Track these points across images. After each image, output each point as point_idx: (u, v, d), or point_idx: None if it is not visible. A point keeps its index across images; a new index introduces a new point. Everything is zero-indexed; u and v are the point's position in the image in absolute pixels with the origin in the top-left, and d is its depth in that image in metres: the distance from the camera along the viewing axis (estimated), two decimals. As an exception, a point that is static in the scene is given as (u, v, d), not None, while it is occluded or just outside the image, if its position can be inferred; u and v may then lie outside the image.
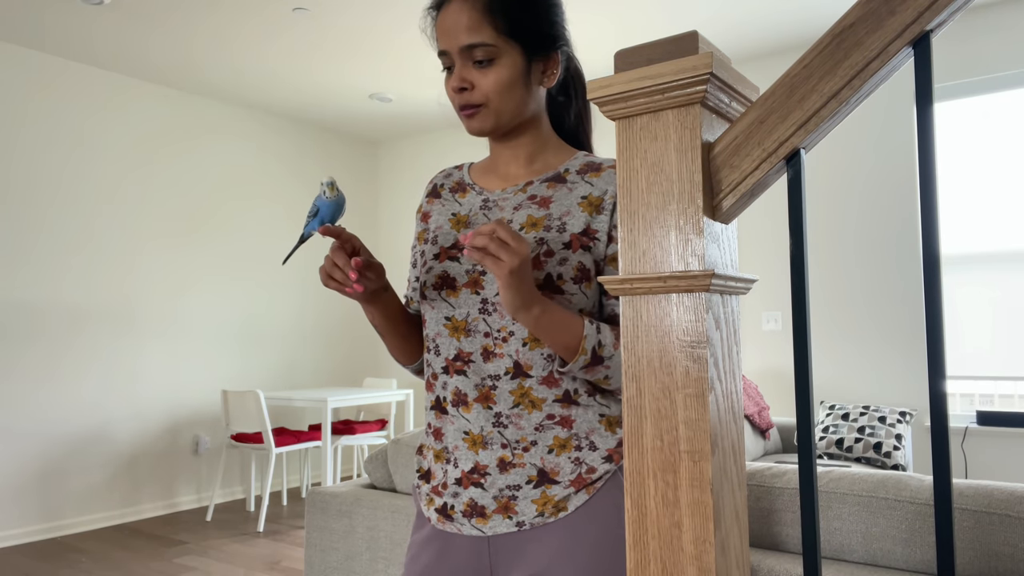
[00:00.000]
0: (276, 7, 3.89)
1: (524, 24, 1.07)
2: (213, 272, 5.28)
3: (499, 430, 1.06)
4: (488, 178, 1.19)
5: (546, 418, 1.05)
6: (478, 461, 1.07)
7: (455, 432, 1.09)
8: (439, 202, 1.21)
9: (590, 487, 1.04)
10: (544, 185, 1.12)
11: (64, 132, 4.52)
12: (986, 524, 1.26)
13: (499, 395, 1.06)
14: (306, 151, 5.98)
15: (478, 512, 1.07)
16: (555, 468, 1.05)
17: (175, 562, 3.79)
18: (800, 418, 0.72)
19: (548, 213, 1.09)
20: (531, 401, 1.05)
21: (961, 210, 4.07)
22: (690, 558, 0.69)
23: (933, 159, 0.68)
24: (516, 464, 1.05)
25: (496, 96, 1.07)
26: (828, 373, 4.34)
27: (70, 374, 4.48)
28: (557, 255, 1.06)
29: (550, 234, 1.07)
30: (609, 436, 1.07)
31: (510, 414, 1.05)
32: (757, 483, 1.51)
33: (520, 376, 1.06)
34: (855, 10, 0.65)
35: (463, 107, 1.09)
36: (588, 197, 1.09)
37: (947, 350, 4.07)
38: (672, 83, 0.70)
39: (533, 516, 1.04)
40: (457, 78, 1.07)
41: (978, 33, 4.01)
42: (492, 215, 1.13)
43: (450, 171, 1.25)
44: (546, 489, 1.04)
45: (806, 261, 0.72)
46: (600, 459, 1.05)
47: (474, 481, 1.07)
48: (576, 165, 1.13)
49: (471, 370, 1.08)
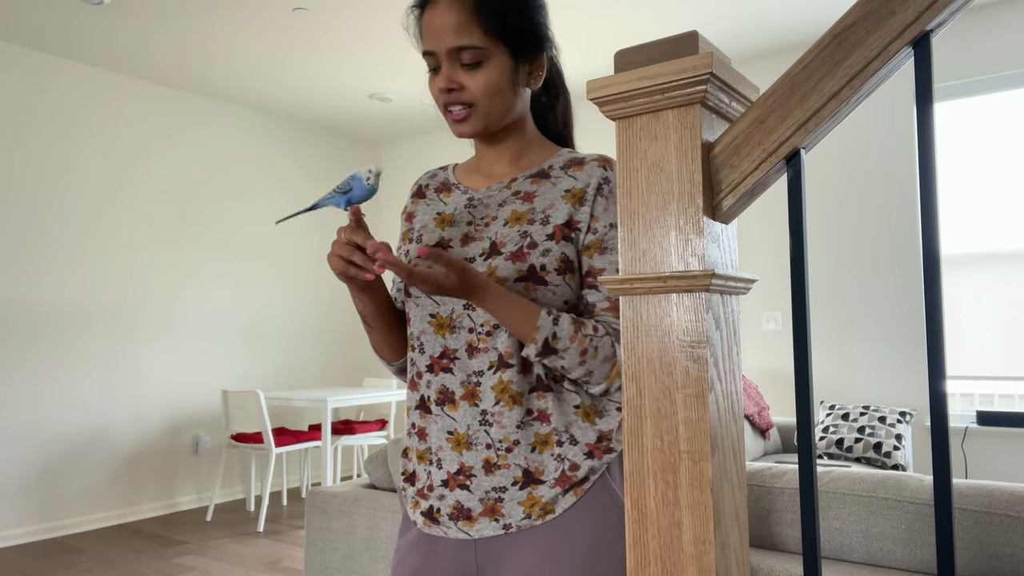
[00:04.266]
0: (276, 7, 3.89)
1: (512, 26, 1.07)
2: (213, 272, 5.28)
3: (484, 429, 1.05)
4: (473, 177, 1.19)
5: (526, 414, 1.05)
6: (463, 462, 1.06)
7: (439, 432, 1.08)
8: (424, 202, 1.20)
9: (577, 488, 1.04)
10: (528, 181, 1.12)
11: (64, 132, 4.52)
12: (986, 524, 1.26)
13: (483, 391, 1.05)
14: (306, 151, 5.98)
15: (464, 515, 1.06)
16: (539, 467, 1.04)
17: (175, 562, 3.79)
18: (800, 418, 0.72)
19: (532, 207, 1.09)
20: (511, 396, 1.05)
21: (961, 210, 4.07)
22: (690, 558, 0.69)
23: (933, 159, 0.68)
24: (501, 465, 1.04)
25: (485, 98, 1.06)
26: (828, 373, 4.34)
27: (70, 374, 4.48)
28: (540, 246, 1.05)
29: (533, 227, 1.07)
30: (588, 428, 1.06)
31: (494, 411, 1.05)
32: (757, 483, 1.51)
33: (501, 368, 1.05)
34: (855, 10, 0.65)
35: (450, 108, 1.08)
36: (572, 190, 1.09)
37: (947, 350, 4.07)
38: (672, 83, 0.70)
39: (520, 518, 1.04)
40: (445, 79, 1.06)
41: (978, 33, 4.00)
42: (477, 213, 1.12)
43: (435, 172, 1.25)
44: (532, 490, 1.04)
45: (806, 261, 0.72)
46: (582, 455, 1.04)
47: (460, 483, 1.06)
48: (560, 161, 1.13)
49: (457, 367, 1.07)
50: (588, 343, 1.01)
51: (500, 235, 1.08)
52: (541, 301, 1.05)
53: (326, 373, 6.07)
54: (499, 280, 1.05)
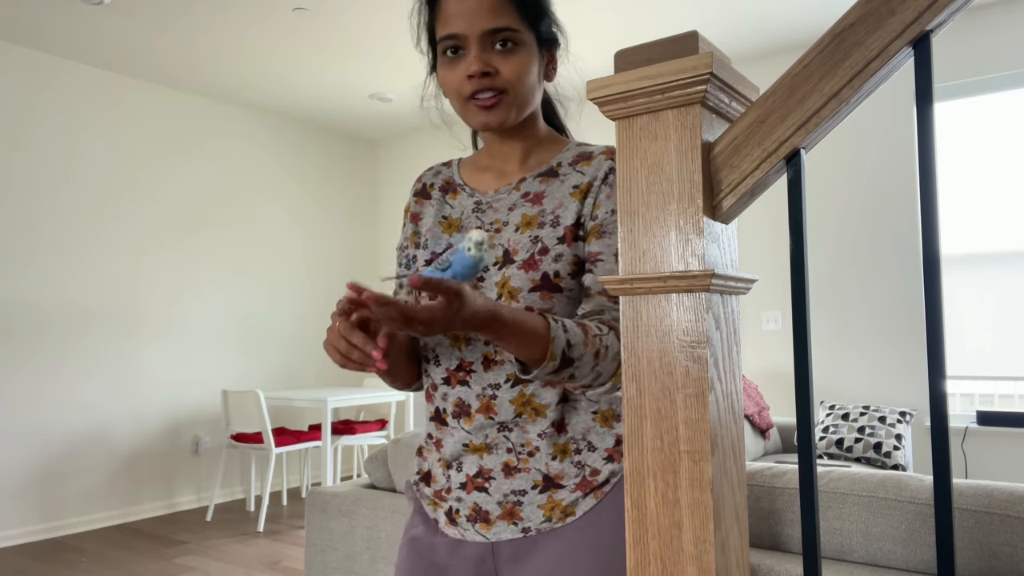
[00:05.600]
0: (276, 7, 3.89)
1: (540, 12, 1.05)
2: (213, 272, 5.28)
3: (504, 435, 1.03)
4: (480, 177, 1.14)
5: (550, 425, 1.02)
6: (482, 465, 1.04)
7: (455, 443, 1.07)
8: (429, 203, 1.15)
9: (597, 491, 1.02)
10: (537, 180, 1.09)
11: (64, 132, 4.52)
12: (986, 524, 1.26)
13: (499, 405, 1.03)
14: (306, 151, 5.98)
15: (482, 517, 1.04)
16: (560, 473, 1.02)
17: (175, 562, 3.79)
18: (800, 418, 0.72)
19: (542, 209, 1.05)
20: (534, 409, 1.02)
21: (961, 210, 4.07)
22: (690, 558, 0.69)
23: (933, 159, 0.68)
24: (521, 469, 1.02)
25: (519, 83, 1.02)
26: (828, 373, 4.34)
27: (70, 374, 4.48)
28: (552, 251, 1.02)
29: (544, 230, 1.03)
30: (606, 432, 1.04)
31: (516, 422, 1.03)
32: (757, 483, 1.51)
33: (521, 382, 1.02)
34: (855, 10, 0.65)
35: (478, 96, 1.02)
36: (580, 186, 1.05)
37: (947, 350, 4.07)
38: (672, 83, 0.70)
39: (540, 521, 1.02)
40: (479, 62, 1.00)
41: (978, 33, 4.00)
42: (486, 218, 1.08)
43: (439, 168, 1.19)
44: (552, 494, 1.02)
45: (806, 261, 0.72)
46: (601, 459, 1.03)
47: (478, 485, 1.04)
48: (569, 157, 1.10)
49: (473, 379, 1.04)
50: (599, 343, 0.96)
51: (513, 242, 1.04)
52: (556, 309, 1.02)
53: (326, 373, 6.07)
54: (512, 291, 1.01)
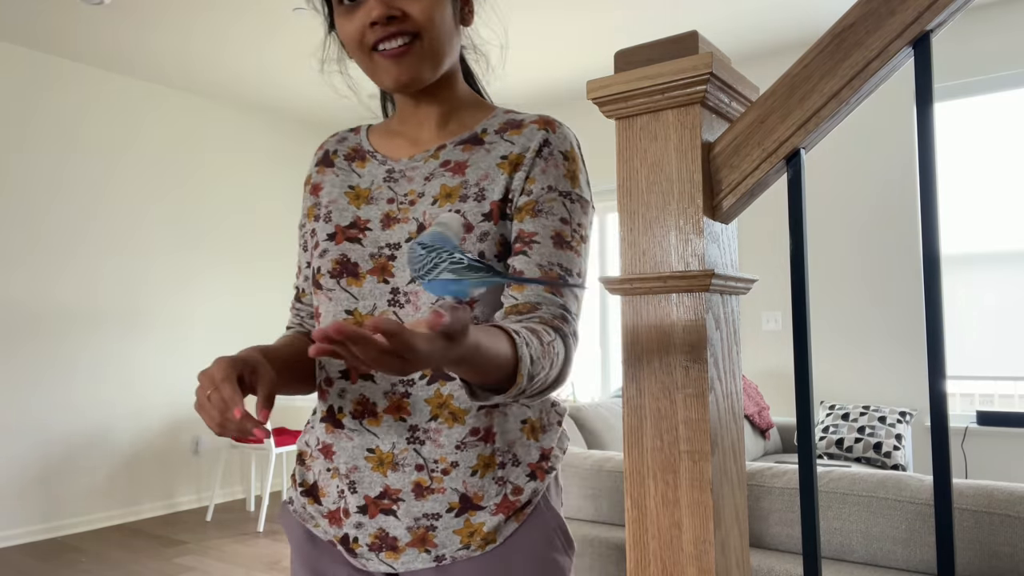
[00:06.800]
0: (276, 7, 3.89)
1: None
2: (213, 271, 5.28)
3: (414, 447, 0.89)
4: (392, 144, 1.01)
5: (469, 433, 0.89)
6: (388, 484, 0.90)
7: (354, 450, 0.92)
8: (332, 171, 1.02)
9: (519, 513, 0.91)
10: (459, 148, 0.95)
11: (64, 132, 4.52)
12: (986, 524, 1.26)
13: (413, 404, 0.89)
14: (305, 151, 5.98)
15: (388, 545, 0.90)
16: (479, 492, 0.90)
17: (175, 562, 3.79)
18: (800, 418, 0.72)
19: (464, 180, 0.92)
20: (451, 413, 0.89)
21: (961, 210, 4.07)
22: (690, 558, 0.69)
23: (933, 159, 0.68)
24: (435, 489, 0.89)
25: (431, 25, 0.89)
26: (828, 373, 4.34)
27: (70, 374, 4.48)
28: (477, 229, 0.90)
29: (467, 204, 0.90)
30: (531, 445, 0.93)
31: (428, 428, 0.89)
32: (757, 483, 1.51)
33: (440, 379, 0.89)
34: (855, 10, 0.65)
35: (383, 45, 0.90)
36: (508, 156, 0.92)
37: (947, 350, 4.07)
38: (672, 83, 0.70)
39: (456, 549, 0.89)
40: (383, 5, 0.88)
41: (978, 33, 4.00)
42: (399, 188, 0.95)
43: (344, 135, 1.06)
44: (470, 517, 0.89)
45: (806, 261, 0.72)
46: (524, 476, 0.92)
47: (384, 508, 0.90)
48: (495, 124, 0.97)
49: (379, 374, 0.90)
50: (552, 352, 0.82)
51: (429, 215, 0.91)
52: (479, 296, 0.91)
53: (326, 373, 6.07)
54: None
